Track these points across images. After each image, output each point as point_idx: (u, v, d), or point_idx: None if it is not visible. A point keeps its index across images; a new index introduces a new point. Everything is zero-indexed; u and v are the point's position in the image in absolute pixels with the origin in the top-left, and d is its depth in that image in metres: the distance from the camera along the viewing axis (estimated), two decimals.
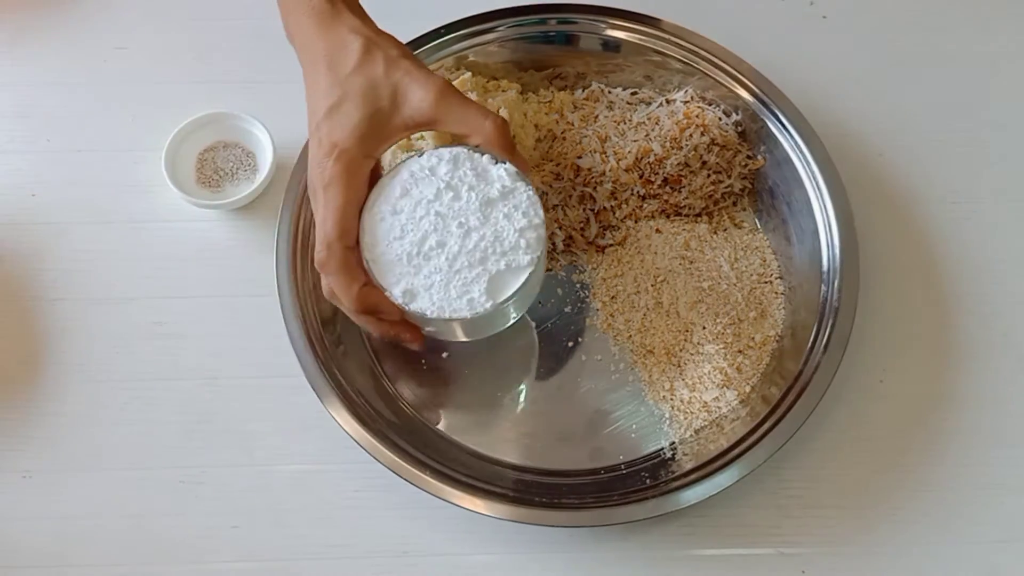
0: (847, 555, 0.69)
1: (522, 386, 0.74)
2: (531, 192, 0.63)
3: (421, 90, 0.61)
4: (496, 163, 0.63)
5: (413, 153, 0.64)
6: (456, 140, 0.65)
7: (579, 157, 0.78)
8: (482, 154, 0.63)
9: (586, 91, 0.83)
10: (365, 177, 0.62)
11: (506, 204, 0.62)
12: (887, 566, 0.69)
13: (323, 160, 0.61)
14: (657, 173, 0.77)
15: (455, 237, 0.61)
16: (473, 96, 0.77)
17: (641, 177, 0.77)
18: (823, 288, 0.73)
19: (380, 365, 0.74)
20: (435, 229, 0.61)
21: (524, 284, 0.62)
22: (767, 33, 0.88)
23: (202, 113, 0.80)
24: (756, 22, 0.89)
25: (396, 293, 0.61)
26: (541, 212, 0.62)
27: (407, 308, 0.61)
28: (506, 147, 0.63)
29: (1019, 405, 0.74)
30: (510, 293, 0.62)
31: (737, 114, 0.80)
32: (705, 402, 0.72)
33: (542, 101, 0.83)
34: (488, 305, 0.61)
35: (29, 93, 0.85)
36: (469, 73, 0.79)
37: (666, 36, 0.80)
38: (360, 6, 0.66)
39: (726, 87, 0.79)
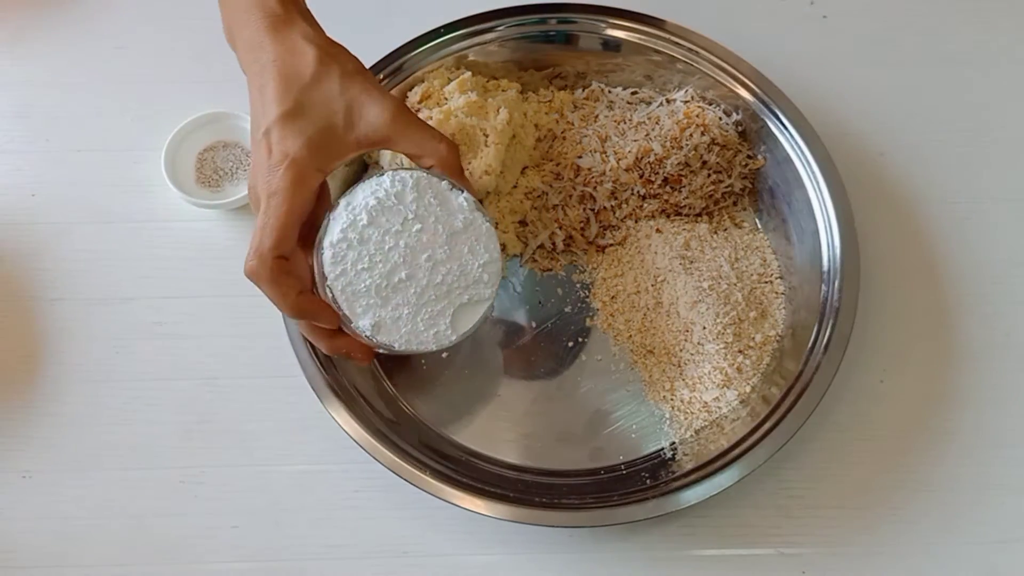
0: (847, 555, 0.69)
1: (522, 386, 0.74)
2: (488, 224, 0.64)
3: (376, 108, 0.61)
4: (452, 188, 0.63)
5: (373, 174, 0.64)
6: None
7: (579, 157, 0.78)
8: (440, 179, 0.63)
9: (586, 91, 0.83)
10: (313, 191, 0.60)
11: (468, 236, 0.63)
12: (887, 566, 0.69)
13: (273, 168, 0.59)
14: (657, 173, 0.77)
15: (423, 270, 0.62)
16: (473, 96, 0.77)
17: (641, 177, 0.77)
18: (823, 288, 0.73)
19: (380, 365, 0.74)
20: (404, 261, 0.61)
21: (482, 316, 0.64)
22: (767, 33, 0.88)
23: (202, 113, 0.81)
24: (756, 22, 0.89)
25: (364, 325, 0.61)
26: (498, 245, 0.64)
27: (374, 340, 0.62)
28: (458, 171, 0.64)
29: (1020, 405, 0.74)
30: (471, 326, 0.64)
31: (737, 114, 0.80)
32: (705, 402, 0.72)
33: (542, 101, 0.83)
34: (453, 338, 0.63)
35: (29, 93, 0.85)
36: (469, 73, 0.79)
37: (666, 36, 0.80)
38: (312, 15, 0.65)
39: (726, 87, 0.79)
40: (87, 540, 0.69)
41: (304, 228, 0.61)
